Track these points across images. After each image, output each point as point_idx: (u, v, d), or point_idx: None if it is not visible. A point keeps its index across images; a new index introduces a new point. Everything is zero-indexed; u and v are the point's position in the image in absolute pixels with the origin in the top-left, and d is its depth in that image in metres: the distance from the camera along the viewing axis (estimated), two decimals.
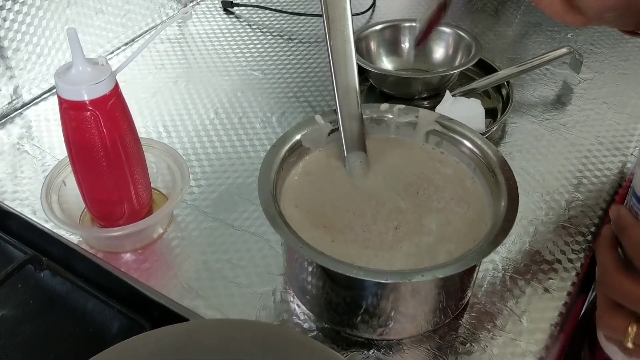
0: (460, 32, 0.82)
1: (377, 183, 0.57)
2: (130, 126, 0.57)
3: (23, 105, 0.81)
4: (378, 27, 0.85)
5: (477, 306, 0.56)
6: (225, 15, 1.02)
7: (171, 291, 0.57)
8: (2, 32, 0.74)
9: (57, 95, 0.53)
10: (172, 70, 0.88)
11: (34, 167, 0.71)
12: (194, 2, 1.05)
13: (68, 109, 0.53)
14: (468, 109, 0.73)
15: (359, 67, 0.60)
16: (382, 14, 1.02)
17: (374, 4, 1.04)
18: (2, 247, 0.61)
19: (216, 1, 1.04)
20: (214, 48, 0.93)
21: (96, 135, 0.54)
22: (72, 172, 0.58)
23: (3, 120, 0.78)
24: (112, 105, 0.53)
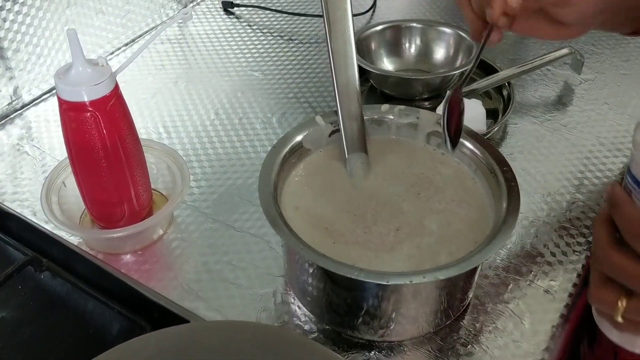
0: (461, 33, 0.82)
1: (378, 184, 0.56)
2: (130, 127, 0.56)
3: (23, 106, 0.81)
4: (379, 28, 0.85)
5: (479, 307, 0.56)
6: (225, 15, 1.02)
7: (171, 292, 0.57)
8: (2, 33, 0.74)
9: (57, 96, 0.53)
10: (173, 70, 0.88)
11: (34, 168, 0.71)
12: (194, 3, 1.04)
13: (68, 110, 0.53)
14: (469, 110, 0.72)
15: (360, 68, 0.60)
16: (383, 15, 1.02)
17: (375, 5, 1.04)
18: (2, 249, 0.61)
19: (216, 2, 1.04)
20: (214, 48, 0.93)
21: (96, 136, 0.53)
22: (72, 173, 0.58)
23: (3, 121, 0.78)
24: (112, 106, 0.53)
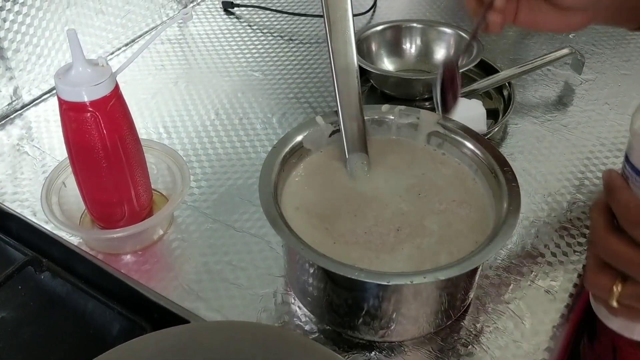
0: (461, 33, 0.82)
1: (379, 184, 0.56)
2: (130, 127, 0.56)
3: (23, 106, 0.80)
4: (379, 28, 0.85)
5: (479, 308, 0.56)
6: (225, 15, 1.02)
7: (171, 293, 0.57)
8: (2, 33, 0.74)
9: (57, 96, 0.53)
10: (173, 71, 0.88)
11: (34, 169, 0.71)
12: (194, 3, 1.04)
13: (68, 110, 0.53)
14: (469, 110, 0.73)
15: (360, 68, 0.59)
16: (383, 15, 1.02)
17: (375, 5, 1.04)
18: (2, 249, 0.61)
19: (216, 2, 1.04)
20: (215, 49, 0.93)
21: (96, 136, 0.53)
22: (72, 174, 0.58)
23: (3, 121, 0.78)
24: (113, 106, 0.53)
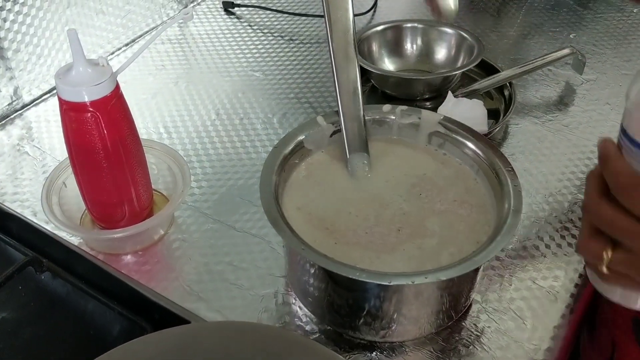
0: (462, 33, 0.82)
1: (380, 185, 0.56)
2: (131, 127, 0.56)
3: (23, 106, 0.80)
4: (380, 28, 0.84)
5: (480, 308, 0.55)
6: (226, 15, 1.02)
7: (172, 293, 0.57)
8: (2, 33, 0.74)
9: (58, 96, 0.53)
10: (173, 71, 0.88)
11: (34, 169, 0.71)
12: (195, 3, 1.04)
13: (68, 110, 0.53)
14: (470, 110, 0.73)
15: (361, 68, 0.59)
16: (384, 15, 1.02)
17: (376, 5, 1.03)
18: (2, 249, 0.61)
19: (217, 2, 1.04)
20: (215, 49, 0.93)
21: (97, 136, 0.53)
22: (73, 174, 0.58)
23: (3, 121, 0.78)
24: (113, 106, 0.53)
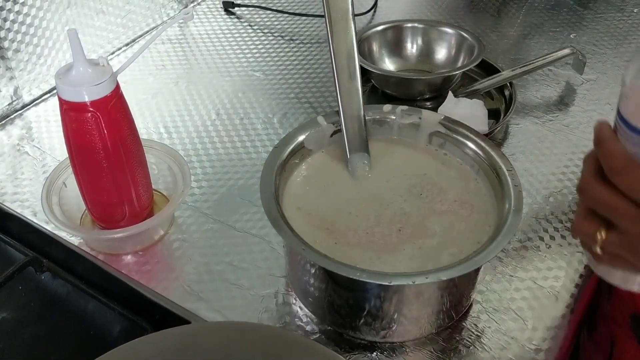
0: (462, 33, 0.82)
1: (380, 185, 0.56)
2: (131, 127, 0.56)
3: (23, 106, 0.80)
4: (380, 28, 0.84)
5: (481, 308, 0.55)
6: (226, 15, 1.02)
7: (172, 293, 0.57)
8: (2, 33, 0.74)
9: (58, 96, 0.53)
10: (173, 70, 0.88)
11: (35, 169, 0.71)
12: (195, 3, 1.04)
13: (69, 110, 0.53)
14: (471, 110, 0.73)
15: (361, 68, 0.59)
16: (384, 15, 1.02)
17: (376, 5, 1.03)
18: (3, 249, 0.61)
19: (217, 2, 1.04)
20: (215, 49, 0.93)
21: (97, 136, 0.53)
22: (73, 174, 0.58)
23: (3, 121, 0.78)
24: (113, 106, 0.53)
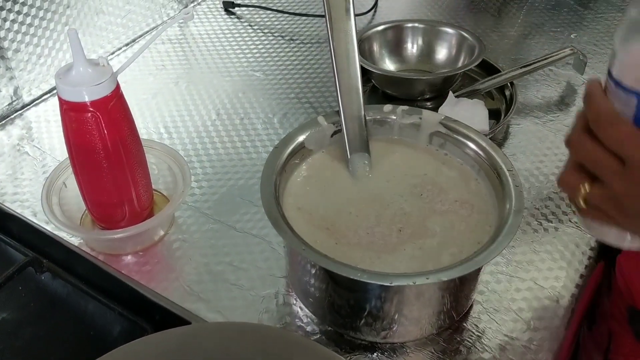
0: (463, 33, 0.82)
1: (381, 185, 0.56)
2: (131, 127, 0.56)
3: (23, 106, 0.80)
4: (380, 28, 0.84)
5: (482, 309, 0.55)
6: (226, 15, 1.01)
7: (173, 294, 0.57)
8: (2, 33, 0.74)
9: (58, 96, 0.53)
10: (173, 70, 0.88)
11: (35, 169, 0.71)
12: (195, 3, 1.04)
13: (69, 110, 0.53)
14: (471, 110, 0.72)
15: (362, 68, 0.59)
16: (384, 15, 1.02)
17: (376, 5, 1.03)
18: (2, 249, 0.61)
19: (217, 1, 1.04)
20: (215, 49, 0.93)
21: (97, 136, 0.53)
22: (73, 174, 0.58)
23: (3, 121, 0.78)
24: (113, 106, 0.53)
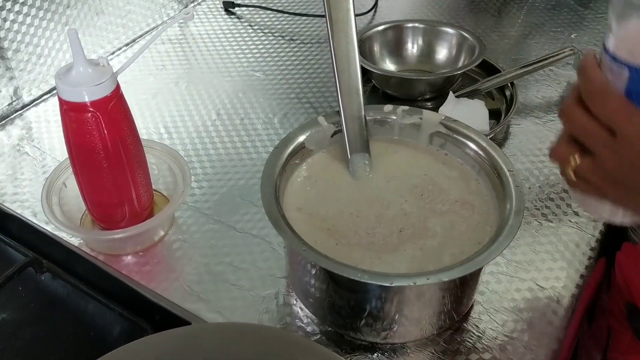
0: (463, 33, 0.82)
1: (381, 185, 0.56)
2: (131, 127, 0.56)
3: (23, 106, 0.80)
4: (380, 28, 0.84)
5: (482, 309, 0.55)
6: (226, 15, 1.01)
7: (173, 294, 0.57)
8: (2, 33, 0.74)
9: (58, 96, 0.53)
10: (173, 71, 0.88)
11: (35, 169, 0.71)
12: (195, 3, 1.04)
13: (69, 111, 0.53)
14: (471, 110, 0.72)
15: (362, 68, 0.59)
16: (384, 15, 1.02)
17: (376, 5, 1.03)
18: (2, 250, 0.61)
19: (217, 1, 1.04)
20: (215, 49, 0.93)
21: (97, 136, 0.53)
22: (73, 174, 0.58)
23: (3, 121, 0.78)
24: (113, 106, 0.53)
